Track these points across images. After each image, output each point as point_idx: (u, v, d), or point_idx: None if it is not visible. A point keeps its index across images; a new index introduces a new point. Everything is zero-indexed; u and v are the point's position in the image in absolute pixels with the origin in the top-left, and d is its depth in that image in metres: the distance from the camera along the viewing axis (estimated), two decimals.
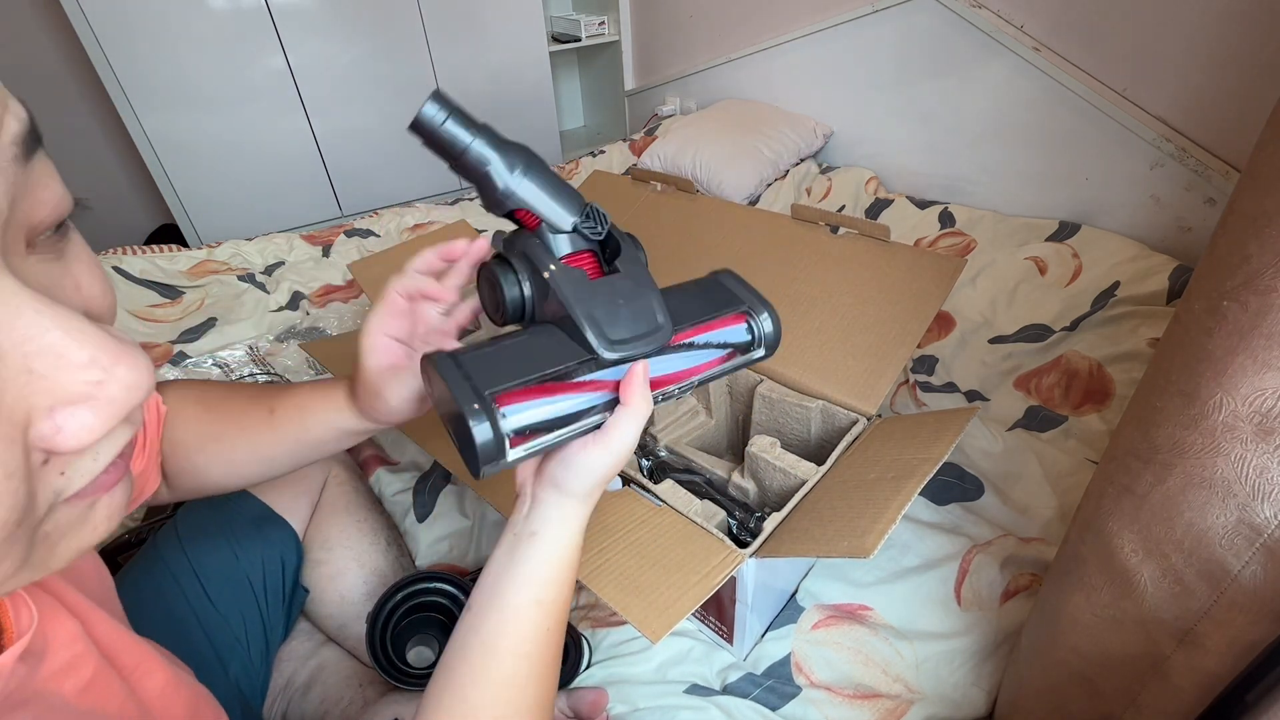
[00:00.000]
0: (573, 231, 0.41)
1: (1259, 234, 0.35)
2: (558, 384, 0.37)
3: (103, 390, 0.20)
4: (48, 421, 0.19)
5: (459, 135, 0.38)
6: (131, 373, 0.21)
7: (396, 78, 2.04)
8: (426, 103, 0.37)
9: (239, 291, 1.38)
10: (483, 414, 0.33)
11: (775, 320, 0.45)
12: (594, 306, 0.39)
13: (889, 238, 0.80)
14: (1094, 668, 0.50)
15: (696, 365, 0.43)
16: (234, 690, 0.60)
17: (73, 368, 0.19)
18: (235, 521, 0.66)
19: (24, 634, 0.28)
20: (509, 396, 0.35)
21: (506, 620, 0.39)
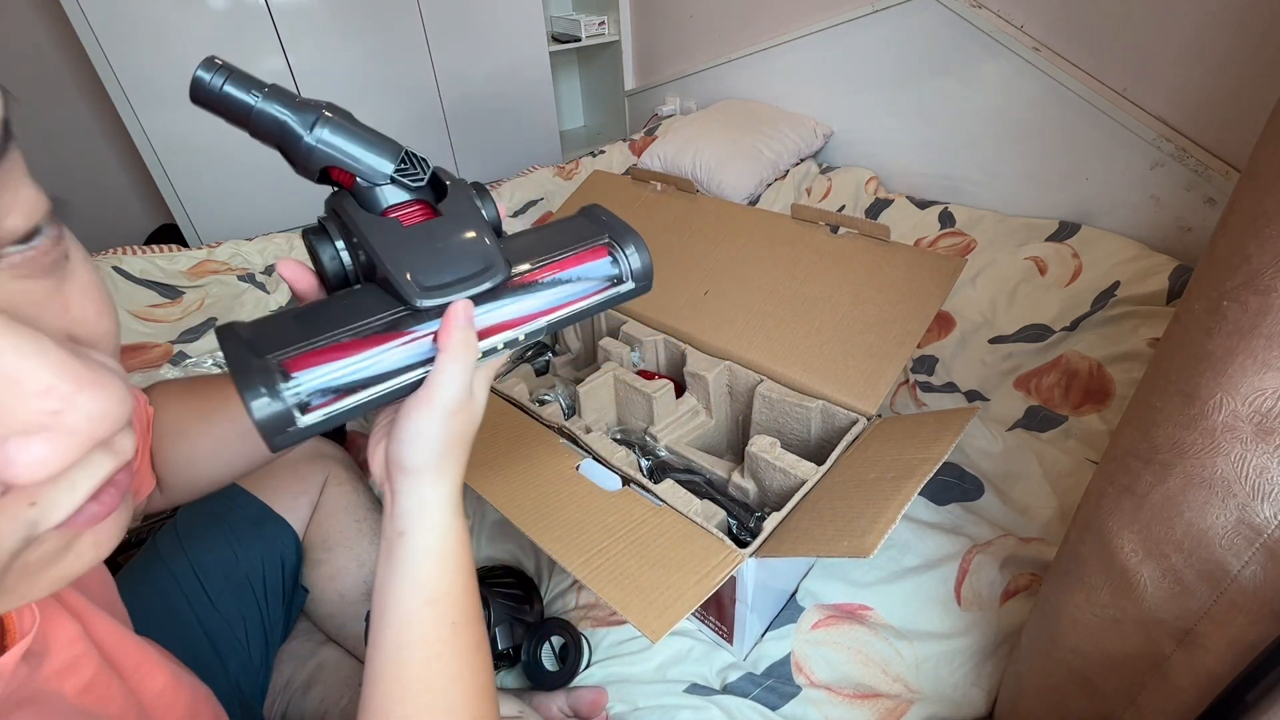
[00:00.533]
0: (392, 182, 0.37)
1: (1259, 234, 0.35)
2: (362, 340, 0.32)
3: (60, 420, 0.18)
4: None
5: (241, 98, 0.35)
6: (96, 403, 0.19)
7: (396, 78, 2.04)
8: (198, 69, 0.34)
9: (239, 291, 1.38)
10: (258, 376, 0.29)
11: (642, 249, 0.40)
12: (406, 253, 0.34)
13: (889, 238, 0.80)
14: (1094, 668, 0.50)
15: (550, 306, 0.38)
16: (234, 690, 0.60)
17: (27, 395, 0.18)
18: (235, 521, 0.66)
19: (26, 634, 0.28)
20: (300, 360, 0.31)
21: (403, 629, 0.37)
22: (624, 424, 0.87)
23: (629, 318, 0.92)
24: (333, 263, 0.36)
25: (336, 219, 0.37)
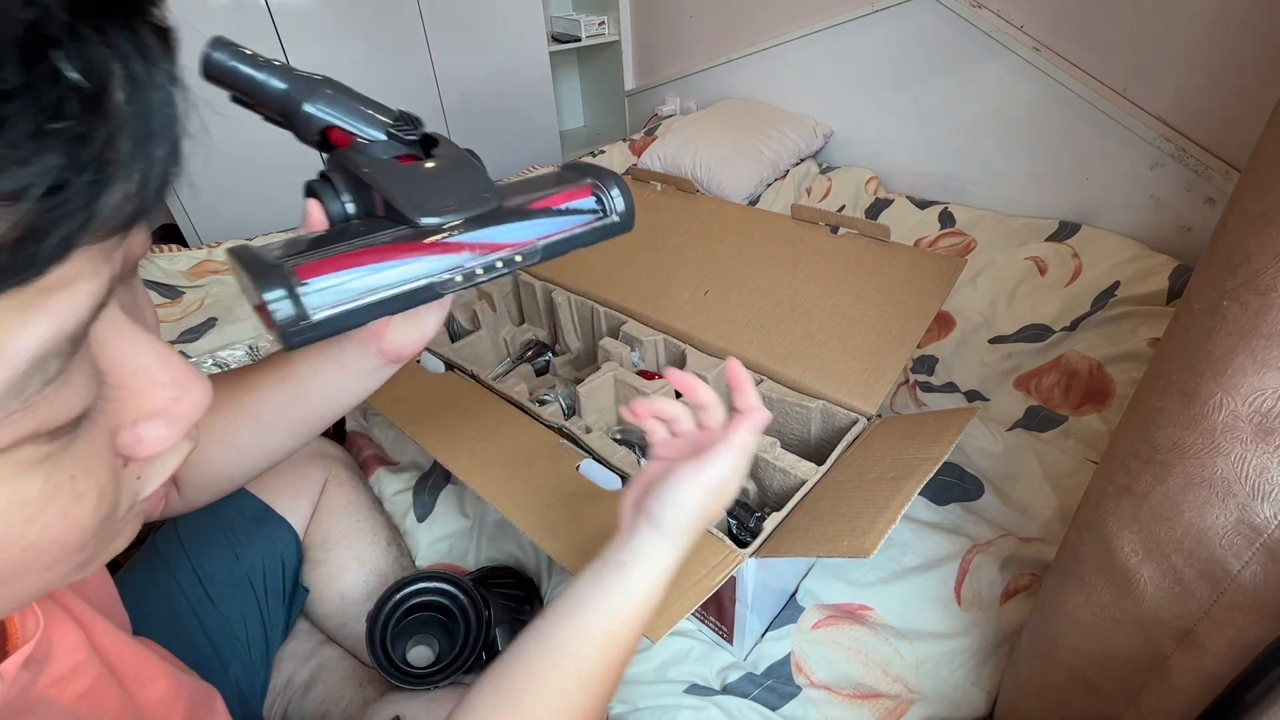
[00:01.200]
0: (389, 139, 0.40)
1: (1259, 234, 0.35)
2: (369, 251, 0.34)
3: (178, 406, 0.23)
4: (130, 432, 0.22)
5: (248, 71, 0.40)
6: (202, 393, 0.24)
7: (396, 78, 2.04)
8: (208, 47, 0.38)
9: (239, 291, 1.38)
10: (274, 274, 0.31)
11: (624, 189, 0.43)
12: (407, 183, 0.37)
13: (889, 238, 0.80)
14: (1094, 668, 0.50)
15: (542, 234, 0.40)
16: (234, 690, 0.60)
17: (157, 386, 0.23)
18: (235, 521, 0.66)
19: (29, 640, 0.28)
20: (312, 267, 0.32)
21: (576, 641, 0.39)
22: (624, 424, 0.87)
23: (629, 317, 0.92)
24: (335, 207, 0.38)
25: (339, 169, 0.39)
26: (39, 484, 0.19)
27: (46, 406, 0.18)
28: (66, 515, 0.20)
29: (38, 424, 0.18)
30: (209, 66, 0.38)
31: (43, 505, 0.19)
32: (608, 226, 0.43)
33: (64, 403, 0.18)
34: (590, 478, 0.65)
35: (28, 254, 0.15)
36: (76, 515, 0.20)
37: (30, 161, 0.14)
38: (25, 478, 0.18)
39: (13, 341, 0.16)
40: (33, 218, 0.15)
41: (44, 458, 0.19)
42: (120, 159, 0.16)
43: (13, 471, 0.18)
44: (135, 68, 0.16)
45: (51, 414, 0.18)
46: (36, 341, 0.16)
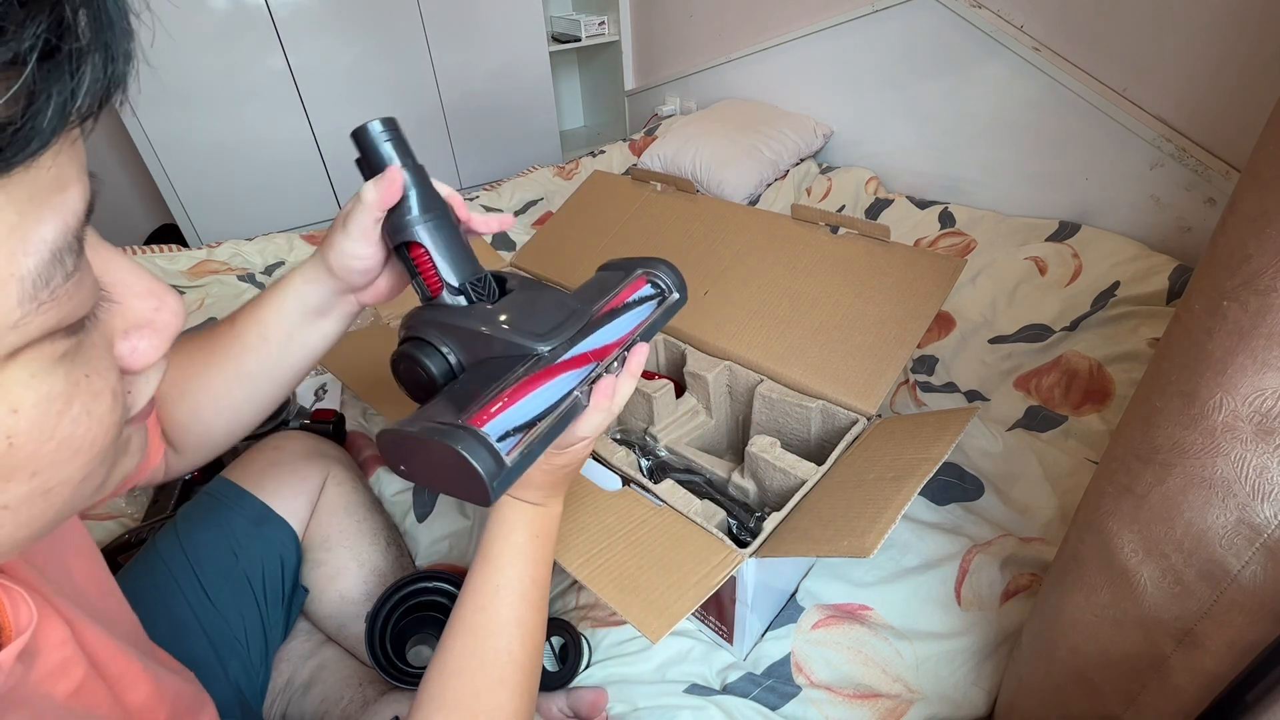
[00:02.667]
0: (461, 292, 0.43)
1: (1259, 234, 0.35)
2: (517, 387, 0.38)
3: (160, 315, 0.25)
4: (124, 343, 0.24)
5: (392, 158, 0.42)
6: (177, 303, 0.26)
7: (396, 78, 2.04)
8: (376, 119, 0.41)
9: (239, 291, 1.38)
10: (464, 434, 0.34)
11: (670, 267, 0.49)
12: (510, 319, 0.41)
13: (889, 238, 0.80)
14: (1094, 668, 0.50)
15: (628, 329, 0.45)
16: (234, 690, 0.60)
17: (137, 296, 0.24)
18: (234, 521, 0.66)
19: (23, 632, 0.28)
20: (480, 416, 0.35)
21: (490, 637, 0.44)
22: (624, 424, 0.87)
23: None
24: (440, 363, 0.41)
25: (428, 326, 0.42)
26: (62, 378, 0.21)
27: (67, 300, 0.20)
28: (89, 411, 0.22)
29: (60, 317, 0.20)
30: (364, 132, 0.41)
31: (68, 399, 0.21)
32: (672, 306, 0.49)
33: (79, 299, 0.20)
34: (590, 478, 0.65)
35: (31, 126, 0.17)
36: (98, 412, 0.22)
37: (24, 26, 0.16)
38: (51, 372, 0.20)
39: (34, 231, 0.18)
40: (30, 84, 0.16)
41: (63, 354, 0.20)
42: (85, 31, 0.18)
43: (41, 366, 0.20)
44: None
45: (71, 308, 0.20)
46: (52, 233, 0.19)
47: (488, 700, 0.42)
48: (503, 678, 0.43)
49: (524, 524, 0.46)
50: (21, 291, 0.18)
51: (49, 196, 0.19)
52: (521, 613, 0.44)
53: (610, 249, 1.02)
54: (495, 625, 0.44)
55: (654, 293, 0.48)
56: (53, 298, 0.19)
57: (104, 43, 0.18)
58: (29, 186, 0.18)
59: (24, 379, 0.19)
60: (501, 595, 0.44)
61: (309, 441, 0.78)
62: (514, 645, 0.44)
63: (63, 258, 0.19)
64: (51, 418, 0.20)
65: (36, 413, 0.20)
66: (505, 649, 0.43)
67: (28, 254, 0.18)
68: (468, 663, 0.43)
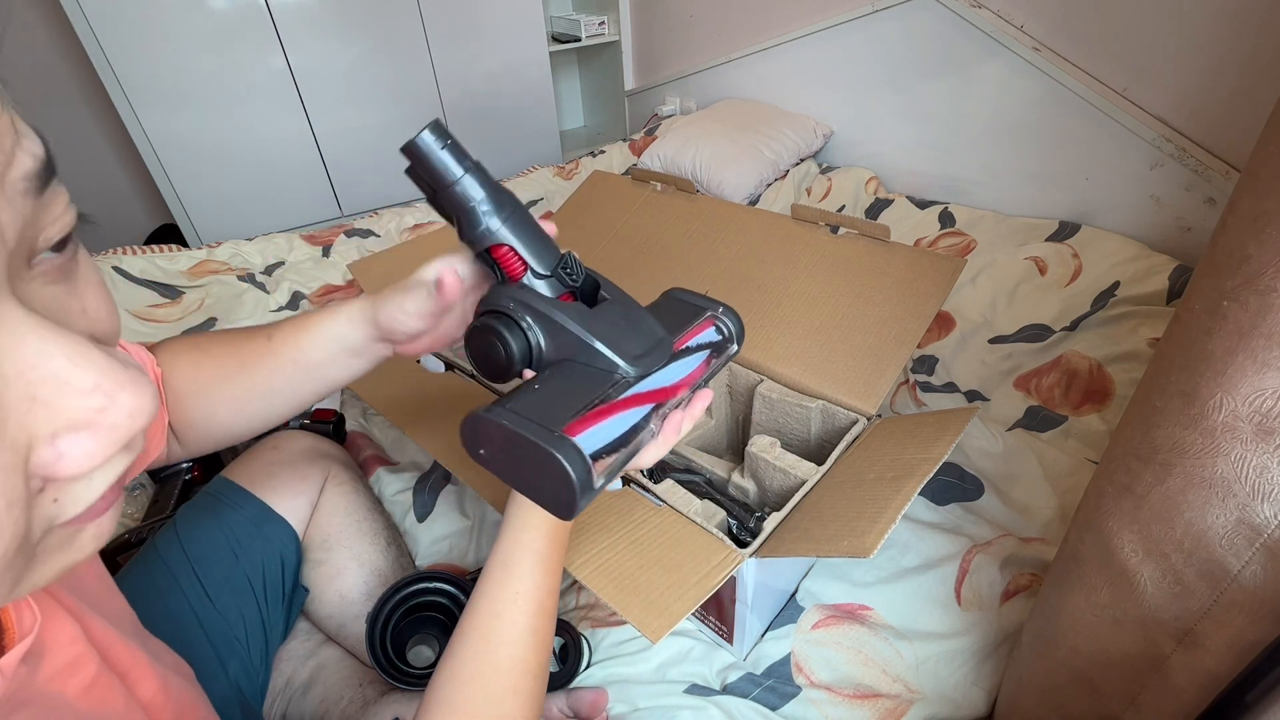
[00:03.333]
0: (551, 276, 0.42)
1: (1259, 234, 0.35)
2: (607, 406, 0.38)
3: (105, 417, 0.20)
4: (49, 448, 0.19)
5: (452, 167, 0.39)
6: (134, 399, 0.20)
7: (396, 78, 2.04)
8: (425, 129, 0.38)
9: (239, 291, 1.38)
10: (567, 446, 0.33)
11: (735, 315, 0.50)
12: (606, 332, 0.40)
13: (889, 238, 0.80)
14: (1094, 668, 0.50)
15: (693, 370, 0.46)
16: (234, 690, 0.60)
17: (76, 394, 0.19)
18: (235, 521, 0.66)
19: (26, 635, 0.28)
20: (574, 427, 0.35)
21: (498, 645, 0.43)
22: None
23: None
24: (523, 345, 0.41)
25: (519, 305, 0.41)
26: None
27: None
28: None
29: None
30: (417, 146, 0.38)
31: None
32: (732, 354, 0.50)
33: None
34: None
35: None
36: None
37: None
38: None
39: None
40: None
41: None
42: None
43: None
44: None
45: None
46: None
47: (500, 708, 0.41)
48: (515, 686, 0.42)
49: (546, 531, 0.45)
50: None
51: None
52: (537, 621, 0.44)
53: (610, 249, 1.02)
54: (511, 633, 0.43)
55: (718, 339, 0.49)
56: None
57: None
58: None
59: None
60: (519, 603, 0.43)
61: (309, 441, 0.78)
62: (528, 654, 0.43)
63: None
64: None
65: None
66: (520, 657, 0.43)
67: None
68: (480, 669, 0.42)
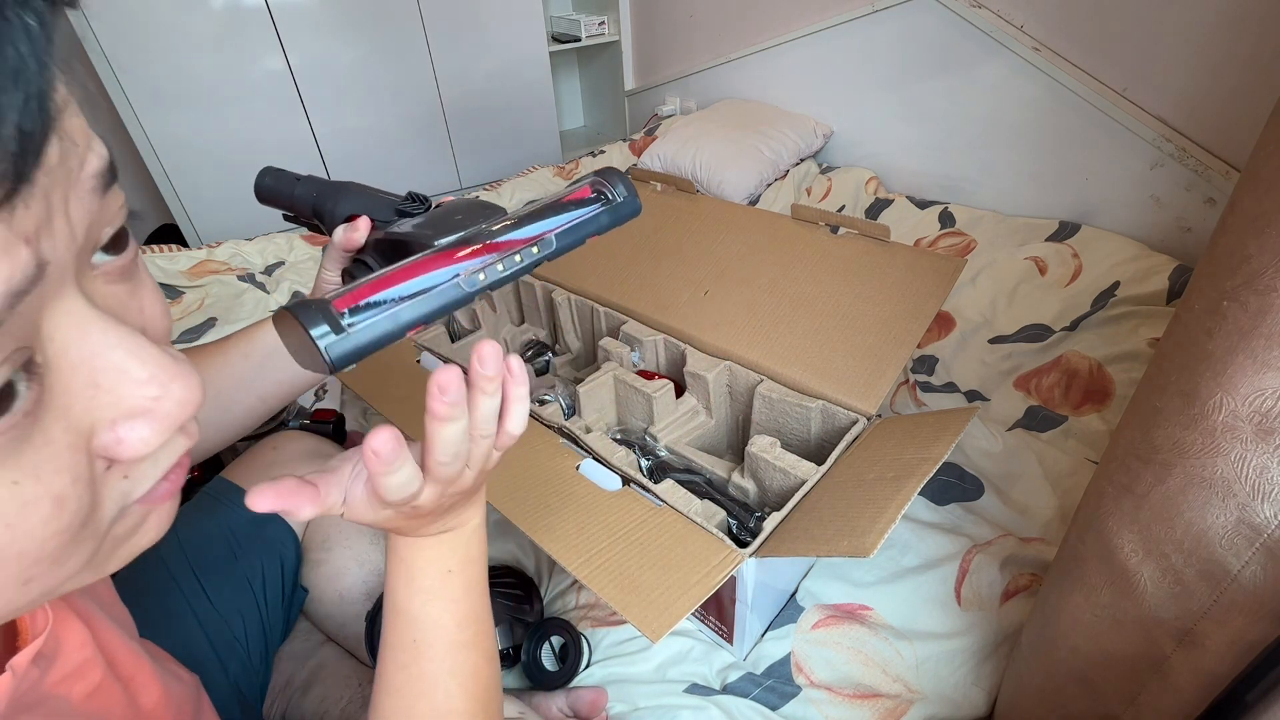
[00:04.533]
0: (398, 215, 0.46)
1: (1259, 234, 0.35)
2: (391, 274, 0.37)
3: (160, 405, 0.22)
4: (110, 433, 0.21)
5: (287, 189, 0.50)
6: (185, 390, 0.22)
7: (396, 78, 2.04)
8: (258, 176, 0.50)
9: (239, 291, 1.38)
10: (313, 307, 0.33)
11: (624, 177, 0.46)
12: (422, 223, 0.42)
13: (889, 238, 0.80)
14: (1094, 668, 0.50)
15: (552, 228, 0.42)
16: (233, 690, 0.60)
17: (134, 384, 0.21)
18: (234, 521, 0.66)
19: (39, 635, 0.28)
20: (344, 299, 0.35)
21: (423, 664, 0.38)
22: (624, 424, 0.87)
23: (629, 317, 0.92)
24: None
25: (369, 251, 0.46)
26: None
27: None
28: (10, 526, 0.19)
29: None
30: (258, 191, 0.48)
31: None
32: (616, 207, 0.45)
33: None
34: (590, 478, 0.65)
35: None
36: (25, 525, 0.19)
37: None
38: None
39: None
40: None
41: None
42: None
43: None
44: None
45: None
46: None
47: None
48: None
49: (427, 562, 0.37)
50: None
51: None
52: (453, 661, 0.38)
53: (610, 249, 1.01)
54: (424, 684, 0.37)
55: (594, 198, 0.45)
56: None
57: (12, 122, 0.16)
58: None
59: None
60: (424, 650, 0.37)
61: (309, 441, 0.78)
62: (453, 700, 0.38)
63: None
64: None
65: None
66: (443, 704, 0.38)
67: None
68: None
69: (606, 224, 0.45)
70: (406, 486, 0.31)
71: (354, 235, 0.46)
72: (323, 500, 0.31)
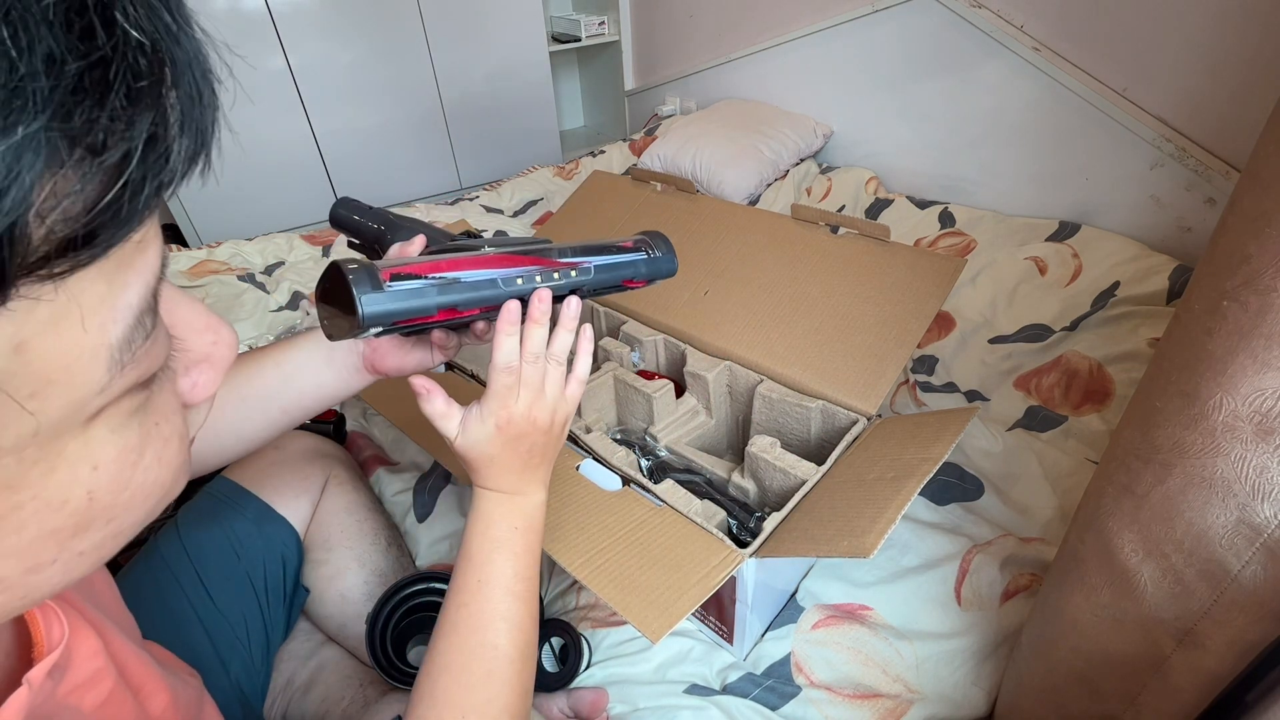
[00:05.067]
0: None
1: (1259, 234, 0.35)
2: (444, 261, 0.41)
3: (218, 350, 0.26)
4: (186, 379, 0.25)
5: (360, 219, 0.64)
6: (231, 334, 0.26)
7: (396, 78, 2.04)
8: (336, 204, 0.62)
9: (239, 291, 1.38)
10: (357, 264, 0.37)
11: (667, 242, 0.52)
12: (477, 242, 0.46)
13: (889, 238, 0.80)
14: (1094, 668, 0.50)
15: (591, 261, 0.47)
16: (235, 690, 0.60)
17: (196, 332, 0.25)
18: (236, 521, 0.66)
19: (55, 647, 0.28)
20: (392, 269, 0.38)
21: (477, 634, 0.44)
22: (624, 424, 0.87)
23: (629, 317, 0.92)
24: None
25: None
26: (136, 430, 0.21)
27: (145, 358, 0.20)
28: (160, 458, 0.22)
29: (138, 374, 0.20)
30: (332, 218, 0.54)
31: (141, 450, 0.21)
32: (654, 261, 0.51)
33: (155, 354, 0.21)
34: (590, 478, 0.65)
35: (129, 210, 0.17)
36: (167, 456, 0.23)
37: (134, 123, 0.16)
38: (127, 426, 0.21)
39: (121, 298, 0.19)
40: (135, 175, 0.16)
41: (138, 408, 0.21)
42: (176, 112, 0.18)
43: (119, 421, 0.20)
44: (167, 19, 0.18)
45: (148, 364, 0.21)
46: (136, 297, 0.19)
47: (478, 694, 0.42)
48: (490, 670, 0.42)
49: (501, 516, 0.45)
50: (110, 358, 0.18)
51: (133, 260, 0.19)
52: (507, 606, 0.44)
53: None
54: (480, 620, 0.43)
55: (636, 248, 0.50)
56: (134, 359, 0.19)
57: (194, 121, 0.19)
58: (117, 257, 0.18)
59: (104, 436, 0.20)
60: (485, 590, 0.44)
61: (310, 441, 0.78)
62: (501, 639, 0.43)
63: (143, 319, 0.19)
64: (127, 469, 0.21)
65: (115, 466, 0.21)
66: (492, 643, 0.43)
67: (115, 321, 0.18)
68: (454, 658, 0.42)
69: (644, 273, 0.51)
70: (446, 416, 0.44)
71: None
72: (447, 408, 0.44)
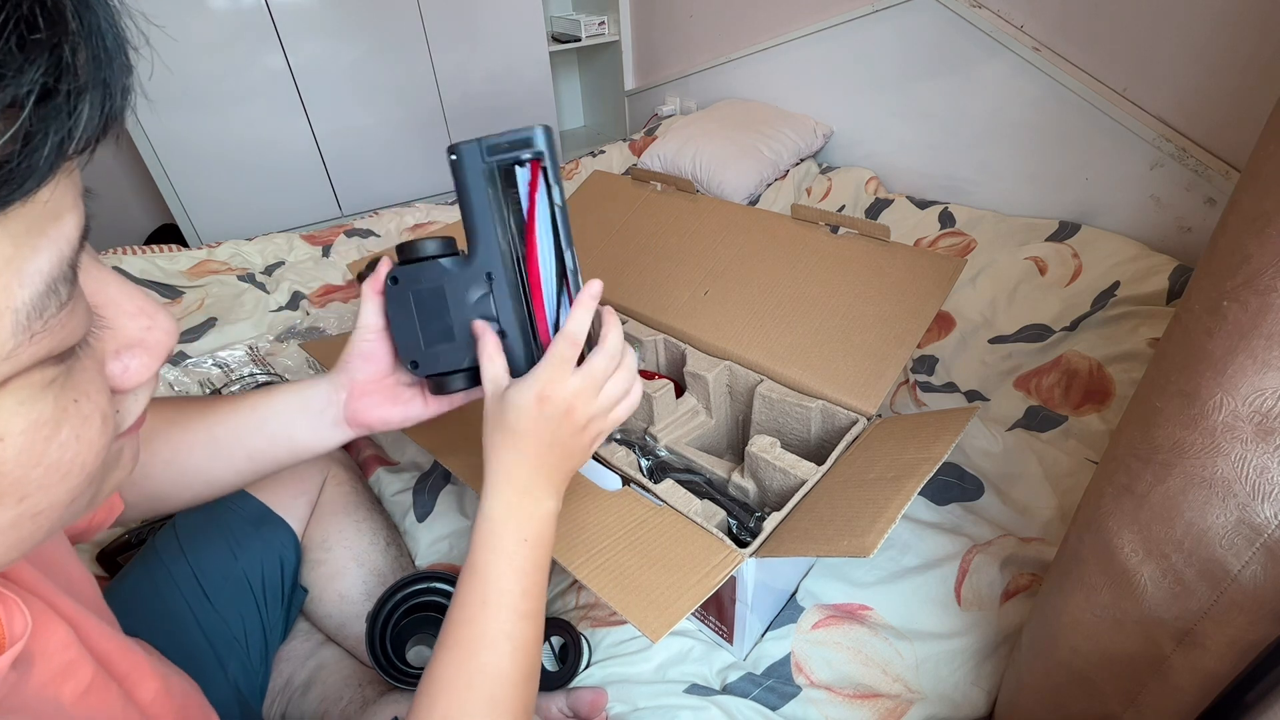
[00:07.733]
0: None
1: (1259, 234, 0.35)
2: None
3: (152, 334, 0.25)
4: (115, 363, 0.25)
5: None
6: (169, 321, 0.26)
7: (397, 78, 2.04)
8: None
9: (239, 291, 1.38)
10: None
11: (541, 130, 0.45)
12: None
13: (889, 238, 0.80)
14: (1094, 668, 0.50)
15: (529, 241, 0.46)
16: (233, 690, 0.60)
17: (130, 315, 0.25)
18: (234, 522, 0.66)
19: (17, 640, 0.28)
20: None
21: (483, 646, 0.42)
22: (624, 424, 0.87)
23: (629, 317, 0.92)
24: None
25: None
26: (50, 405, 0.21)
27: (59, 329, 0.20)
28: (78, 436, 0.22)
29: (50, 346, 0.20)
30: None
31: (56, 425, 0.21)
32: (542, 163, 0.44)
33: (71, 327, 0.20)
34: (590, 478, 0.65)
35: (28, 164, 0.17)
36: (87, 436, 0.22)
37: (23, 71, 0.16)
38: (39, 399, 0.20)
39: (29, 263, 0.18)
40: (28, 126, 0.16)
41: (52, 381, 0.21)
42: (83, 70, 0.18)
43: (30, 394, 0.20)
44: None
45: (63, 336, 0.20)
46: (47, 264, 0.19)
47: None
48: (493, 696, 0.40)
49: (510, 526, 0.43)
50: (15, 323, 0.18)
51: (45, 227, 0.19)
52: (512, 626, 0.42)
53: (611, 249, 1.01)
54: (484, 640, 0.41)
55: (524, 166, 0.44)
56: (46, 328, 0.19)
57: (102, 80, 0.18)
58: (25, 220, 0.18)
59: (12, 406, 0.20)
60: (489, 609, 0.41)
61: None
62: (504, 661, 0.41)
63: (57, 288, 0.19)
64: (39, 443, 0.21)
65: (24, 439, 0.20)
66: (495, 665, 0.41)
67: (22, 285, 0.18)
68: (456, 679, 0.40)
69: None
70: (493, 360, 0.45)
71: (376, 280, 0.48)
72: None
